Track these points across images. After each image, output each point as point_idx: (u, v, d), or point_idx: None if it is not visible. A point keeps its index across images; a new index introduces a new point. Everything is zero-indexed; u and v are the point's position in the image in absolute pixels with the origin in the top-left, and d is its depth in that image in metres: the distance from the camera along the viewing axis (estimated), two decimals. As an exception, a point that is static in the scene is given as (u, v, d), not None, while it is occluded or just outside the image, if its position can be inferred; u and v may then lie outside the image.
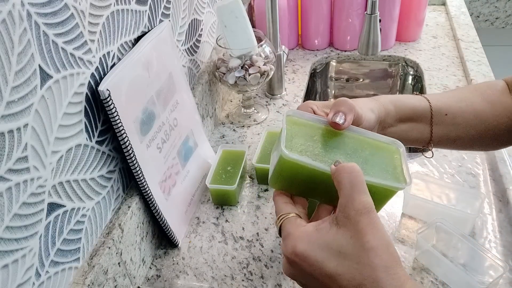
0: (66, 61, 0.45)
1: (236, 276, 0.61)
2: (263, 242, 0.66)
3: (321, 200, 0.46)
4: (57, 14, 0.43)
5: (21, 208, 0.40)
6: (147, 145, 0.58)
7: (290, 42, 1.17)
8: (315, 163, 0.42)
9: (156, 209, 0.60)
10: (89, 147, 0.50)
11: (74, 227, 0.49)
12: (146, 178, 0.57)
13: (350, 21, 1.10)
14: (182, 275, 0.62)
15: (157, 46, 0.61)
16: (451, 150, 0.77)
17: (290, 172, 0.43)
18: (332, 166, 0.40)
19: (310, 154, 0.43)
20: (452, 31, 1.19)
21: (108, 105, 0.50)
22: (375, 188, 0.41)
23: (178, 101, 0.67)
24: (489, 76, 0.96)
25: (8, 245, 0.39)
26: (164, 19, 0.67)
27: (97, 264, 0.50)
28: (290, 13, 1.10)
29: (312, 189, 0.45)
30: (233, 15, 0.77)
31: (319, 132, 0.46)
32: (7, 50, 0.37)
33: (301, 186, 0.45)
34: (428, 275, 0.59)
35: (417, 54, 1.11)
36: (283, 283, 0.60)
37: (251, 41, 0.79)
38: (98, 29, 0.50)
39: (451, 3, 1.31)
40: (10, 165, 0.38)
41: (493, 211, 0.67)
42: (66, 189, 0.47)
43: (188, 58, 0.78)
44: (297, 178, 0.44)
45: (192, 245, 0.66)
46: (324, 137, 0.46)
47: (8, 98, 0.38)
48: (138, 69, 0.56)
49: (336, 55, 1.16)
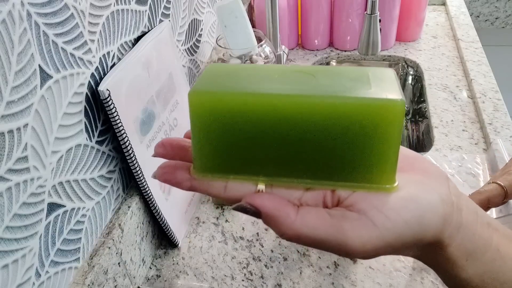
0: (66, 61, 0.45)
1: (236, 276, 0.61)
2: (263, 242, 0.66)
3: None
4: (57, 14, 0.43)
5: (21, 208, 0.40)
6: (147, 145, 0.58)
7: (290, 42, 1.17)
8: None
9: (156, 209, 0.60)
10: (89, 147, 0.50)
11: (74, 227, 0.49)
12: (146, 178, 0.57)
13: (350, 21, 1.10)
14: (182, 275, 0.62)
15: (157, 46, 0.61)
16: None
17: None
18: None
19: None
20: (452, 31, 1.19)
21: (108, 105, 0.50)
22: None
23: (178, 101, 0.68)
24: (489, 76, 0.96)
25: (8, 245, 0.39)
26: (164, 19, 0.67)
27: (97, 264, 0.50)
28: (290, 13, 1.10)
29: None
30: (233, 15, 0.77)
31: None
32: (7, 50, 0.37)
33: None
34: (428, 275, 0.59)
35: (417, 54, 1.11)
36: (283, 283, 0.60)
37: (251, 41, 0.79)
38: (98, 29, 0.50)
39: (451, 3, 1.31)
40: (10, 165, 0.38)
41: (493, 211, 0.67)
42: (66, 189, 0.47)
43: (188, 58, 0.78)
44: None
45: (192, 245, 0.66)
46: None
47: (8, 98, 0.38)
48: (138, 69, 0.56)
49: (336, 55, 1.16)
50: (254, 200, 0.24)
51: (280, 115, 0.23)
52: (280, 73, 0.25)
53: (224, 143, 0.25)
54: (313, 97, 0.23)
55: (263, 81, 0.25)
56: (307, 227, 0.23)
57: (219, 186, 0.26)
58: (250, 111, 0.23)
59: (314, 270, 0.61)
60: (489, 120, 0.83)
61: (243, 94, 0.23)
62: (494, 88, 0.92)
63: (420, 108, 1.00)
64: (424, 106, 0.95)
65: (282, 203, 0.24)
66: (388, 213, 0.23)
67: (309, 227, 0.23)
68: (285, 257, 0.63)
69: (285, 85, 0.24)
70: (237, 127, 0.24)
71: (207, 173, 0.26)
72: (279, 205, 0.24)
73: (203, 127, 0.24)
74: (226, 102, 0.24)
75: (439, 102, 0.92)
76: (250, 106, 0.23)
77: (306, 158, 0.24)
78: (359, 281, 0.59)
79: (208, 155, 0.25)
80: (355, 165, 0.24)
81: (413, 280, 0.58)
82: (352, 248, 0.23)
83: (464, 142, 0.81)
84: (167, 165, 0.27)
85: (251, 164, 0.25)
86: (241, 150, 0.25)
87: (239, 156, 0.25)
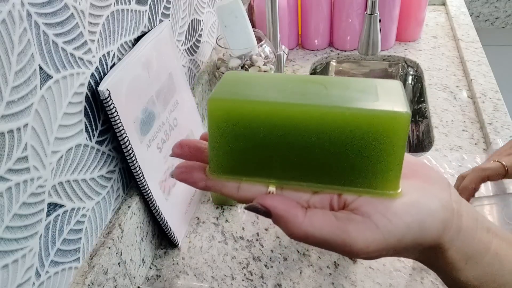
0: (66, 61, 0.45)
1: (236, 276, 0.61)
2: (263, 242, 0.66)
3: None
4: (57, 14, 0.43)
5: (21, 208, 0.40)
6: (147, 145, 0.58)
7: (290, 42, 1.17)
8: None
9: (156, 209, 0.60)
10: (89, 147, 0.50)
11: (74, 227, 0.49)
12: (146, 178, 0.57)
13: (350, 21, 1.10)
14: (182, 275, 0.62)
15: (157, 46, 0.61)
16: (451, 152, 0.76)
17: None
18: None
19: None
20: (452, 31, 1.19)
21: (108, 105, 0.50)
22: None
23: (178, 101, 0.67)
24: (489, 76, 0.96)
25: (8, 245, 0.39)
26: (164, 19, 0.67)
27: (97, 264, 0.50)
28: (290, 13, 1.10)
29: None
30: (233, 15, 0.77)
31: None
32: (7, 50, 0.37)
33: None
34: (428, 275, 0.59)
35: (417, 54, 1.11)
36: (283, 283, 0.60)
37: (251, 41, 0.79)
38: (98, 29, 0.50)
39: (451, 3, 1.31)
40: (10, 165, 0.38)
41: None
42: (66, 189, 0.47)
43: (188, 58, 0.78)
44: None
45: (192, 245, 0.66)
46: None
47: (8, 98, 0.38)
48: (138, 69, 0.56)
49: (336, 55, 1.16)
50: (265, 201, 0.25)
51: (292, 123, 0.25)
52: (293, 83, 0.27)
53: (239, 147, 0.26)
54: (323, 107, 0.24)
55: (276, 90, 0.26)
56: (314, 228, 0.25)
57: (232, 187, 0.27)
58: (264, 118, 0.25)
59: (314, 270, 0.61)
60: (489, 120, 0.83)
61: (258, 103, 0.25)
62: (494, 88, 0.92)
63: (420, 108, 1.00)
64: (424, 106, 0.95)
65: (292, 205, 0.25)
66: (391, 217, 0.25)
67: (316, 227, 0.25)
68: (285, 257, 0.63)
69: (297, 95, 0.26)
70: (251, 132, 0.26)
71: (221, 174, 0.27)
72: (288, 206, 0.25)
73: (220, 132, 0.26)
74: (242, 109, 0.25)
75: (439, 102, 0.92)
76: (264, 113, 0.25)
77: (315, 164, 0.26)
78: (359, 281, 0.59)
79: (223, 157, 0.27)
80: (361, 172, 0.25)
81: (413, 280, 0.58)
82: (356, 249, 0.24)
83: (464, 142, 0.81)
84: (184, 165, 0.29)
85: (263, 167, 0.27)
86: (255, 154, 0.26)
87: (252, 159, 0.27)
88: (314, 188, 0.27)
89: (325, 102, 0.25)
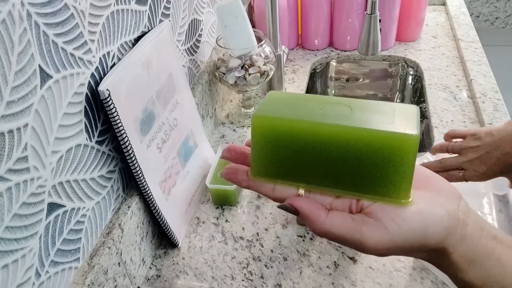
0: (66, 61, 0.45)
1: (236, 276, 0.61)
2: (263, 242, 0.66)
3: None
4: (57, 14, 0.43)
5: (21, 208, 0.40)
6: (147, 145, 0.58)
7: (290, 42, 1.17)
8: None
9: (156, 209, 0.60)
10: (89, 147, 0.50)
11: (74, 227, 0.49)
12: (146, 178, 0.57)
13: (350, 21, 1.10)
14: (182, 275, 0.62)
15: (157, 46, 0.61)
16: None
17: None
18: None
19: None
20: (452, 31, 1.19)
21: (108, 105, 0.50)
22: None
23: (178, 101, 0.67)
24: (489, 76, 0.96)
25: (8, 245, 0.39)
26: (164, 19, 0.67)
27: (97, 264, 0.50)
28: (290, 13, 1.10)
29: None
30: (233, 15, 0.77)
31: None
32: (7, 50, 0.37)
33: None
34: (428, 275, 0.59)
35: (417, 54, 1.11)
36: (283, 283, 0.60)
37: (251, 41, 0.79)
38: (98, 29, 0.50)
39: (451, 3, 1.31)
40: (10, 165, 0.38)
41: (493, 211, 0.67)
42: (66, 189, 0.47)
43: (188, 58, 0.78)
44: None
45: (192, 245, 0.66)
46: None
47: (8, 98, 0.38)
48: (138, 69, 0.56)
49: (336, 55, 1.16)
50: (295, 202, 0.31)
51: (321, 138, 0.30)
52: (324, 104, 0.33)
53: (276, 156, 0.32)
54: (346, 127, 0.30)
55: (309, 110, 0.32)
56: (334, 227, 0.30)
57: (268, 188, 0.33)
58: (297, 134, 0.31)
59: (314, 270, 0.61)
60: (489, 120, 0.83)
61: (293, 121, 0.31)
62: (494, 88, 0.92)
63: (420, 108, 1.00)
64: (424, 106, 0.95)
65: (316, 206, 0.31)
66: (399, 222, 0.29)
67: (335, 226, 0.30)
68: (285, 257, 0.63)
69: (326, 115, 0.31)
70: (286, 145, 0.31)
71: (260, 176, 0.33)
72: (313, 207, 0.30)
73: (261, 143, 0.32)
74: (279, 126, 0.31)
75: (439, 102, 0.92)
76: (297, 130, 0.31)
77: (338, 173, 0.31)
78: (359, 281, 0.59)
79: (263, 163, 0.33)
80: (377, 182, 0.30)
81: (413, 280, 0.58)
82: (367, 246, 0.29)
83: (464, 142, 0.80)
84: (231, 167, 0.34)
85: (295, 173, 0.32)
86: (288, 162, 0.32)
87: (286, 166, 0.32)
88: (336, 193, 0.32)
89: (348, 123, 0.30)
